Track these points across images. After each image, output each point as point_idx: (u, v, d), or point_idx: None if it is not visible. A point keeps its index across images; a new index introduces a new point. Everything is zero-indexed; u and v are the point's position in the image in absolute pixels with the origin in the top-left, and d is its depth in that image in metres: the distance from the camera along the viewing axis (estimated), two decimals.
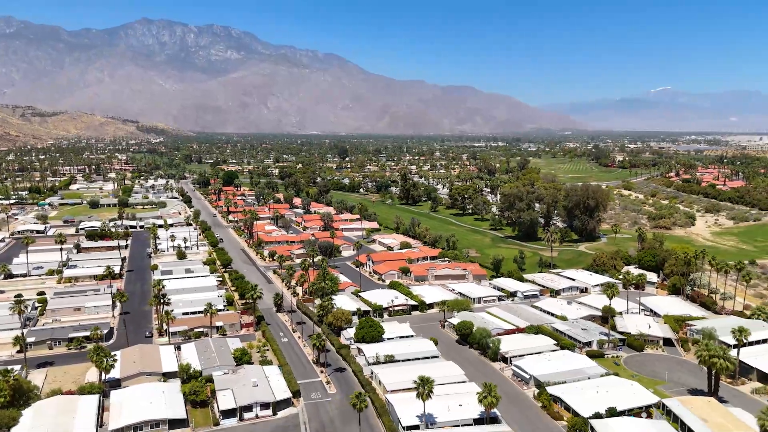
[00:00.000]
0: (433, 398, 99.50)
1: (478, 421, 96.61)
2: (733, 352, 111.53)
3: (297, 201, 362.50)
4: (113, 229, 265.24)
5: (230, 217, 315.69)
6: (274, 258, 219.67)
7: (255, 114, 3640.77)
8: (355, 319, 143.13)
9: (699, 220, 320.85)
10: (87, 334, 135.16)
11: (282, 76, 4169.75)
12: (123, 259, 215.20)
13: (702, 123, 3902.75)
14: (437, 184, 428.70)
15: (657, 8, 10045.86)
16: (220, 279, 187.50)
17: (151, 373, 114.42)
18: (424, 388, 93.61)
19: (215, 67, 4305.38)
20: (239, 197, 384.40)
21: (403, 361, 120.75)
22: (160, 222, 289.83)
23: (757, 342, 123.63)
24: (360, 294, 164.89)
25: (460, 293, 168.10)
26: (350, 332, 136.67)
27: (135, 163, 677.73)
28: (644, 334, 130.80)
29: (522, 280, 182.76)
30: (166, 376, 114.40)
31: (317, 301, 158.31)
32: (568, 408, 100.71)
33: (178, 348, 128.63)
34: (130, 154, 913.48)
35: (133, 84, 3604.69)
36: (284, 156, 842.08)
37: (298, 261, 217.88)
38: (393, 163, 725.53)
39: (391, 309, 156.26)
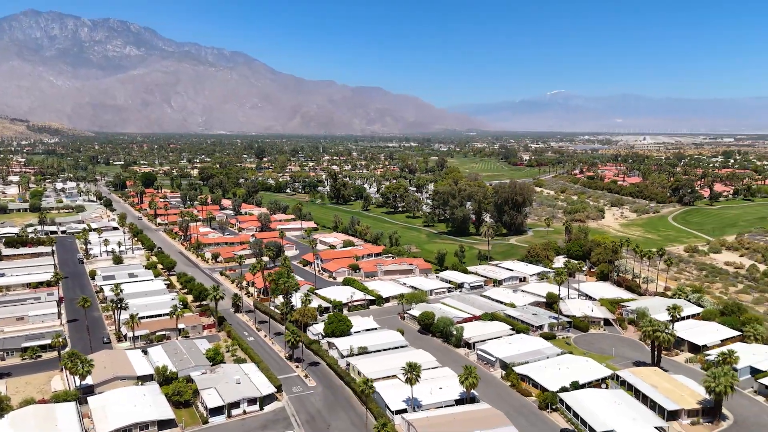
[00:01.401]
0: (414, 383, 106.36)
1: (459, 402, 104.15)
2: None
3: (226, 202, 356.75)
4: (33, 235, 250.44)
5: (159, 220, 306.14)
6: (218, 260, 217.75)
7: (158, 113, 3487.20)
8: (320, 316, 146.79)
9: (607, 213, 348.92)
10: (43, 342, 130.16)
11: (186, 74, 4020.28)
12: (55, 266, 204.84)
13: (592, 123, 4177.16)
14: (364, 184, 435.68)
15: (551, 18, 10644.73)
16: (168, 282, 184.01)
17: (125, 377, 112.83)
18: (412, 373, 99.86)
19: (113, 64, 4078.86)
20: (163, 199, 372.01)
21: (375, 352, 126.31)
22: (83, 227, 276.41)
23: (684, 318, 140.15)
24: (316, 291, 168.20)
25: (412, 287, 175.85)
26: (317, 328, 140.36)
27: (35, 165, 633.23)
28: (588, 316, 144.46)
29: (466, 272, 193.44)
30: (141, 379, 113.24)
31: (277, 300, 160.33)
32: (536, 385, 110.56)
33: (145, 352, 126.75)
34: (26, 155, 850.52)
35: (20, 80, 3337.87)
36: (201, 156, 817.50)
37: (245, 262, 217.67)
38: (313, 164, 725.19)
39: (350, 304, 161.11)
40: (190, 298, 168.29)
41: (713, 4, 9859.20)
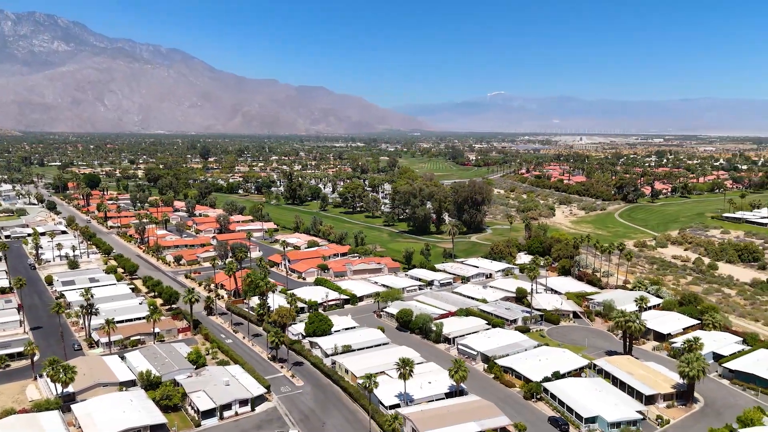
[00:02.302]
0: (400, 379, 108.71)
1: (448, 395, 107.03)
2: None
3: (178, 204, 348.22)
4: None
5: (110, 223, 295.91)
6: (180, 262, 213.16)
7: (90, 112, 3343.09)
8: (303, 316, 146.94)
9: (557, 211, 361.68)
10: (11, 351, 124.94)
11: (120, 71, 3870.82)
12: (7, 272, 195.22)
13: (531, 124, 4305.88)
14: (318, 184, 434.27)
15: (491, 22, 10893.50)
16: (132, 287, 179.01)
17: (107, 383, 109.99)
18: (405, 368, 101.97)
19: (40, 60, 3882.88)
20: (111, 201, 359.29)
21: (358, 350, 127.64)
22: (28, 231, 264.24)
23: (646, 309, 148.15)
24: (289, 292, 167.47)
25: (384, 285, 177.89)
26: (296, 328, 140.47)
27: None
28: (559, 309, 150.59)
29: (434, 270, 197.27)
30: (124, 385, 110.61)
31: (252, 302, 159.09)
32: (518, 376, 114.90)
33: (122, 357, 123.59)
34: None
35: None
36: (143, 157, 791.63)
37: (206, 264, 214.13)
38: (262, 164, 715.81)
39: (325, 304, 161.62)
40: (159, 301, 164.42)
41: (643, 13, 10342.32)
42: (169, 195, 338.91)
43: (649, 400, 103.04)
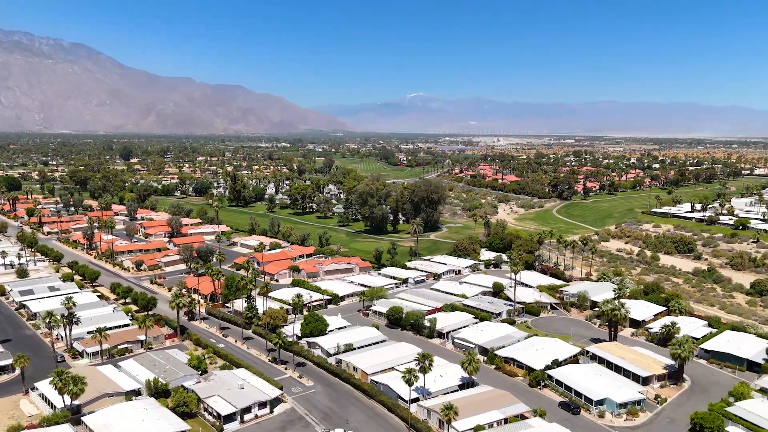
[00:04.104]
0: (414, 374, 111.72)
1: (461, 387, 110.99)
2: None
3: (117, 208, 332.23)
4: None
5: (47, 228, 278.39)
6: (142, 268, 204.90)
7: None
8: (292, 317, 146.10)
9: (499, 209, 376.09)
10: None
11: (18, 67, 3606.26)
12: None
13: (449, 125, 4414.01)
14: (259, 185, 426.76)
15: (409, 24, 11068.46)
16: (99, 294, 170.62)
17: (113, 393, 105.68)
18: (425, 362, 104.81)
19: None
20: (41, 206, 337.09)
21: (359, 348, 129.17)
22: None
23: (616, 298, 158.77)
24: (270, 294, 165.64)
25: (362, 284, 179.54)
26: (288, 329, 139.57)
27: None
28: (539, 301, 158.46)
29: (405, 268, 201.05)
30: (129, 394, 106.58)
31: (236, 305, 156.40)
32: (520, 365, 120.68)
33: (116, 366, 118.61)
34: None
35: None
36: (57, 159, 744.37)
37: (168, 269, 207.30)
38: (189, 165, 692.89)
39: (309, 305, 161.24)
40: (133, 308, 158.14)
41: (550, 19, 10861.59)
42: (107, 198, 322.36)
43: (645, 381, 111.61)
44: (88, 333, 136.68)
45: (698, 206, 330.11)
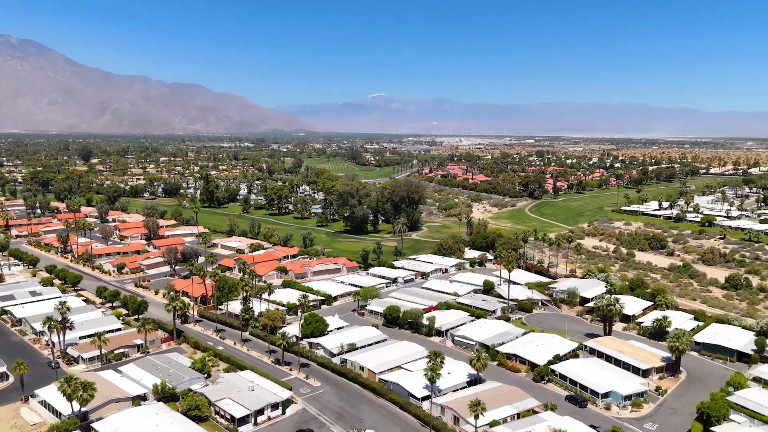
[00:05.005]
0: (420, 372, 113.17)
1: (470, 383, 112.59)
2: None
3: (86, 210, 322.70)
4: None
5: (14, 232, 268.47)
6: (123, 271, 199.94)
7: None
8: (288, 318, 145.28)
9: (473, 207, 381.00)
10: None
11: None
12: None
13: (411, 126, 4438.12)
14: (231, 185, 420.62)
15: (370, 25, 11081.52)
16: (85, 299, 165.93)
17: (119, 399, 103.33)
18: (437, 359, 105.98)
19: None
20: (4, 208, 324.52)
21: (362, 347, 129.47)
22: None
23: (604, 294, 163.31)
24: (263, 296, 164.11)
25: (352, 284, 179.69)
26: (289, 330, 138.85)
27: None
28: (531, 298, 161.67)
29: (393, 267, 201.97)
30: (136, 399, 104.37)
31: (230, 307, 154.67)
32: (522, 361, 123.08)
33: (117, 371, 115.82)
34: None
35: None
36: (15, 159, 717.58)
37: (150, 272, 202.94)
38: (153, 165, 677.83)
39: (303, 306, 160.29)
40: (122, 312, 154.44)
41: (505, 24, 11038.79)
42: (76, 200, 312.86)
43: (645, 373, 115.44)
44: (81, 338, 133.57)
45: (665, 204, 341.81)
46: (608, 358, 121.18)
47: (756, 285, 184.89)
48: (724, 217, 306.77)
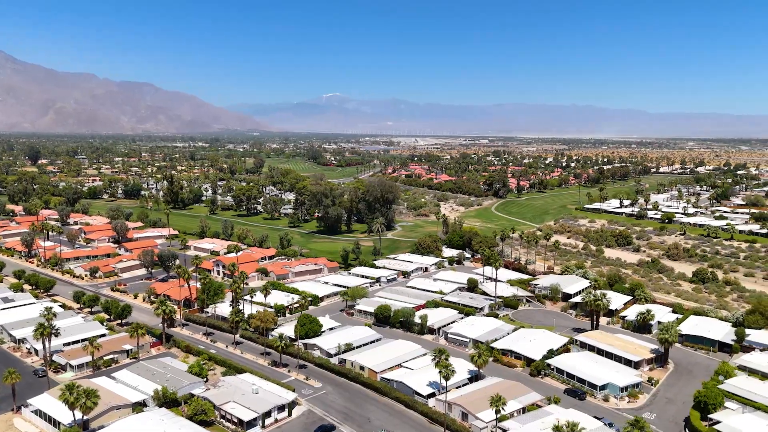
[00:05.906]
0: (421, 370, 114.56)
1: (471, 380, 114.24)
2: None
3: (45, 212, 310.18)
4: None
5: None
6: (97, 275, 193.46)
7: None
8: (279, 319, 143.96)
9: (440, 207, 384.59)
10: None
11: None
12: None
13: (366, 126, 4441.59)
14: (193, 186, 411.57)
15: (321, 25, 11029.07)
16: (62, 304, 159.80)
17: (120, 406, 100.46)
18: (441, 356, 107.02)
19: None
20: None
21: (358, 347, 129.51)
22: None
23: (585, 290, 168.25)
24: (245, 298, 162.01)
25: (336, 284, 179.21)
26: (283, 331, 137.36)
27: None
28: (516, 295, 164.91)
29: (374, 267, 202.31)
30: (136, 405, 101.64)
31: (216, 309, 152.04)
32: (518, 356, 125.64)
33: (111, 377, 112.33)
34: None
35: None
36: None
37: (124, 275, 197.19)
38: (107, 166, 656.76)
39: (290, 307, 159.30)
40: (104, 317, 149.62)
41: (457, 25, 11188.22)
42: (34, 202, 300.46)
43: (636, 365, 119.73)
44: (65, 345, 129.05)
45: (626, 202, 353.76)
46: (599, 352, 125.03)
47: (722, 278, 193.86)
48: (682, 214, 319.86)
